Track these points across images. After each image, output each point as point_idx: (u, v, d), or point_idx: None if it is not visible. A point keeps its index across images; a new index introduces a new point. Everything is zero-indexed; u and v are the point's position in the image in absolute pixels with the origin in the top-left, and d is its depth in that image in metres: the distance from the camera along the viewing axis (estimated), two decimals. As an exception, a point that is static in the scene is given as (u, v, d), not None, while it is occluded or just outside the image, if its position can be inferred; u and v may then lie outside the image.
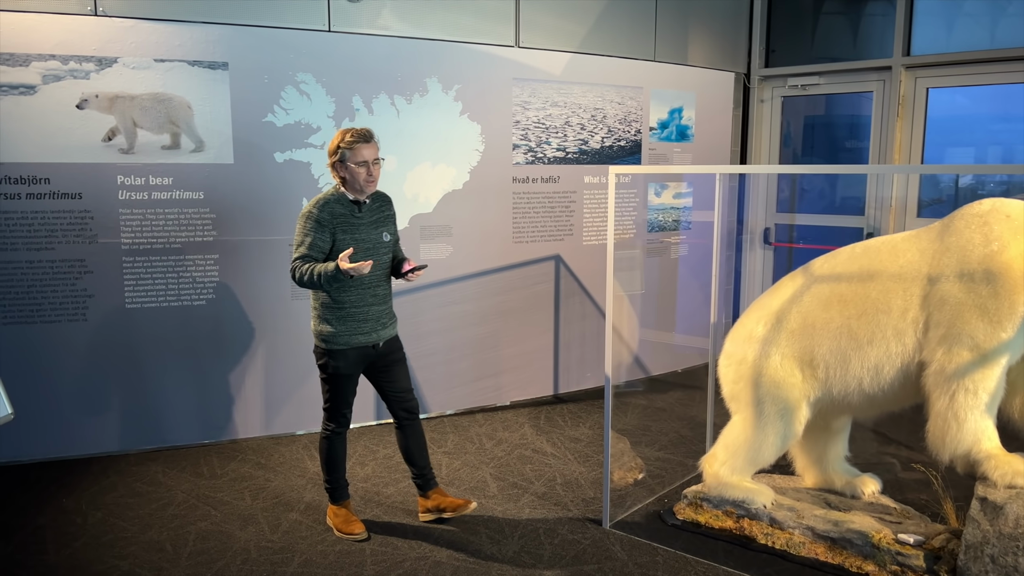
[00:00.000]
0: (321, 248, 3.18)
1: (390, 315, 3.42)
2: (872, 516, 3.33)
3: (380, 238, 3.32)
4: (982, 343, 2.82)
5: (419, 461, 3.55)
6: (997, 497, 2.81)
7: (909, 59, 5.81)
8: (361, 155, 3.18)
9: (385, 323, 3.37)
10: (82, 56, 4.11)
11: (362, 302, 3.27)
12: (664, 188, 5.98)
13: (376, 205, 3.36)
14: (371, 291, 3.29)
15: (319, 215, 3.18)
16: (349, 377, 3.34)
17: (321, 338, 3.30)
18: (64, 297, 4.24)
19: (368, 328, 3.29)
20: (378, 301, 3.33)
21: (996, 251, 2.83)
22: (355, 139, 3.18)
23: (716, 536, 3.43)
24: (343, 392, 3.36)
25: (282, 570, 3.16)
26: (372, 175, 3.22)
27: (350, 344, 3.27)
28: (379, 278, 3.32)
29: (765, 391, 3.34)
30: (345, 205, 3.25)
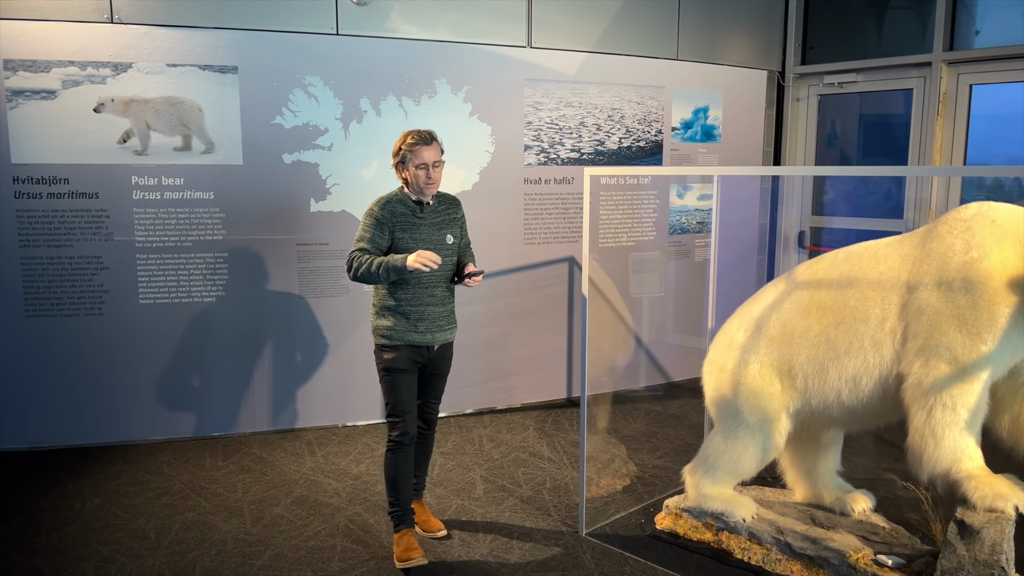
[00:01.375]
0: (379, 245, 3.18)
1: (448, 319, 3.34)
2: (856, 535, 3.17)
3: (442, 240, 3.28)
4: (960, 356, 2.64)
5: (418, 470, 3.49)
6: (975, 521, 2.63)
7: (951, 54, 5.50)
8: (421, 157, 3.15)
9: (442, 326, 3.29)
10: (99, 62, 4.30)
11: (418, 301, 3.22)
12: (688, 190, 5.84)
13: (442, 207, 3.32)
14: (428, 291, 3.23)
15: (379, 213, 3.19)
16: (405, 373, 3.23)
17: (378, 333, 3.26)
18: (82, 292, 4.44)
19: (424, 328, 3.23)
20: (435, 302, 3.26)
21: (976, 259, 2.65)
22: (416, 141, 3.15)
23: (693, 548, 3.33)
24: (399, 390, 3.23)
25: (252, 562, 3.23)
26: (432, 178, 3.18)
27: (404, 341, 3.21)
28: (438, 279, 3.25)
29: (744, 400, 3.22)
30: (407, 205, 3.22)
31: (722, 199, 6.05)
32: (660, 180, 5.67)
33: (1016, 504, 2.59)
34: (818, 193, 6.49)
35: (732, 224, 6.13)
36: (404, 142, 3.18)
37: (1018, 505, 2.59)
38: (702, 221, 5.94)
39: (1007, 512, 2.59)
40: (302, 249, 4.71)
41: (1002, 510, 2.60)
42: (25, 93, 4.23)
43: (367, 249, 3.16)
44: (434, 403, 3.47)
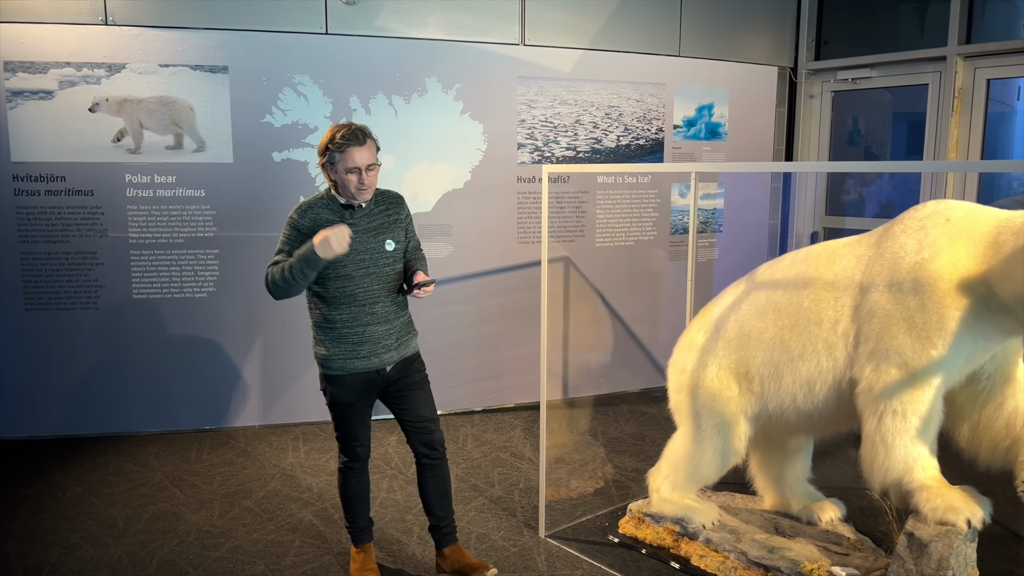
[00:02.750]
0: None
1: (399, 335, 2.90)
2: (818, 545, 3.06)
3: (380, 247, 2.82)
4: (911, 361, 2.52)
5: (438, 510, 3.02)
6: (924, 534, 2.51)
7: (966, 48, 5.27)
8: (352, 159, 2.68)
9: (390, 345, 2.86)
10: (94, 63, 4.42)
11: (355, 322, 2.79)
12: (690, 188, 5.72)
13: (379, 208, 2.87)
14: (367, 308, 2.80)
15: (299, 222, 2.77)
16: (351, 406, 2.88)
17: (317, 361, 2.88)
18: (78, 286, 4.57)
19: (366, 352, 2.81)
20: (376, 320, 2.82)
21: (927, 259, 2.53)
22: (345, 140, 2.68)
23: (651, 554, 3.25)
24: (347, 423, 2.91)
25: (209, 553, 3.27)
26: (365, 183, 2.73)
27: (346, 369, 2.82)
28: (377, 294, 2.82)
29: (702, 403, 3.13)
30: (334, 210, 2.79)
31: (731, 198, 5.95)
32: (661, 179, 5.57)
33: (968, 518, 2.46)
34: (832, 193, 6.30)
35: (741, 224, 6.00)
36: (331, 140, 2.71)
37: (970, 519, 2.46)
38: (705, 221, 5.82)
39: (958, 525, 2.46)
40: (291, 246, 4.76)
41: (953, 523, 2.47)
42: (24, 94, 4.37)
43: (279, 262, 2.74)
44: (426, 423, 2.95)
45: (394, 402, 2.95)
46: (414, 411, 2.94)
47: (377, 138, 2.82)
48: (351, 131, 2.72)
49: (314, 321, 2.87)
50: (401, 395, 2.94)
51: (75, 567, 3.16)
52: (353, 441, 2.94)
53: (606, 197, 5.42)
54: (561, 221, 5.32)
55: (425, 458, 2.97)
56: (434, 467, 2.98)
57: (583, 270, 5.41)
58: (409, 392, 2.94)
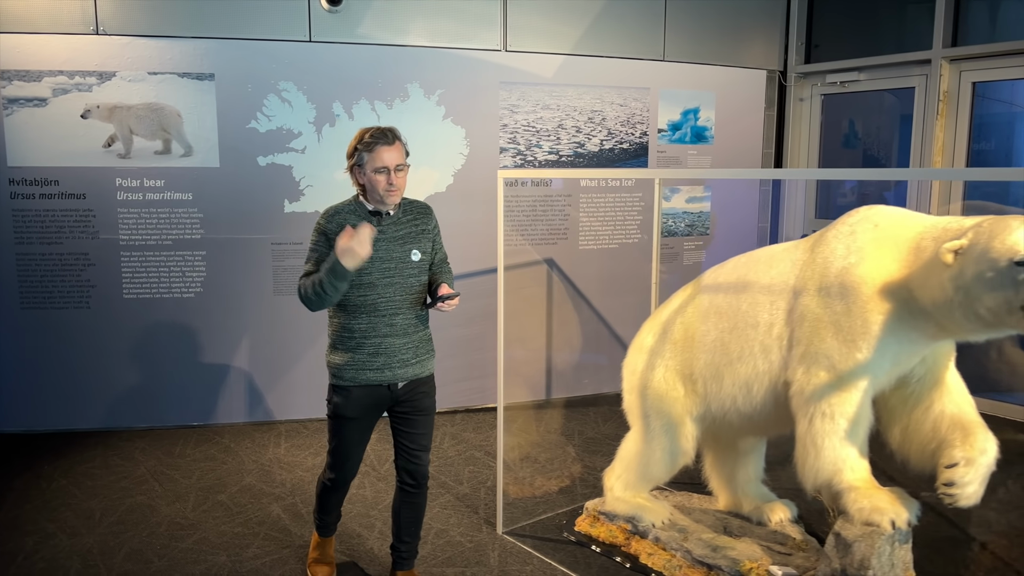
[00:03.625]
0: None
1: (417, 350, 2.81)
2: (762, 545, 3.10)
3: (406, 257, 2.75)
4: (838, 364, 2.57)
5: (405, 535, 2.99)
6: (849, 534, 2.55)
7: (951, 51, 5.26)
8: (381, 159, 2.64)
9: (407, 360, 2.78)
10: (85, 71, 4.59)
11: (374, 331, 2.71)
12: (675, 192, 5.77)
13: (407, 218, 2.81)
14: (386, 319, 2.72)
15: (326, 227, 2.70)
16: (353, 421, 2.78)
17: (329, 370, 2.81)
18: (71, 287, 4.74)
19: (381, 363, 2.73)
20: (396, 332, 2.74)
21: (853, 264, 2.57)
22: (374, 139, 2.66)
23: (602, 551, 3.31)
24: (345, 438, 2.81)
25: (176, 544, 3.40)
26: (394, 184, 2.67)
27: (356, 381, 2.73)
28: (399, 304, 2.73)
29: (650, 404, 3.20)
30: (362, 216, 2.72)
31: (718, 201, 5.98)
32: (645, 183, 5.62)
33: (892, 519, 2.50)
34: (822, 196, 6.29)
35: (729, 227, 6.03)
36: (360, 140, 2.69)
37: (894, 520, 2.50)
38: (691, 224, 5.86)
39: (883, 526, 2.50)
40: (276, 248, 4.90)
41: (878, 524, 2.51)
42: (20, 101, 4.55)
43: (313, 272, 2.68)
44: (419, 453, 2.88)
45: (397, 422, 2.86)
46: (414, 437, 2.86)
47: (407, 141, 2.79)
48: (380, 131, 2.69)
49: (332, 328, 2.80)
50: (406, 418, 2.84)
51: (47, 555, 3.30)
52: (345, 460, 2.85)
53: (590, 200, 5.49)
54: (544, 224, 5.39)
55: (407, 486, 2.92)
56: (413, 495, 2.93)
57: (566, 272, 5.47)
58: (415, 417, 2.85)
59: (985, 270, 2.15)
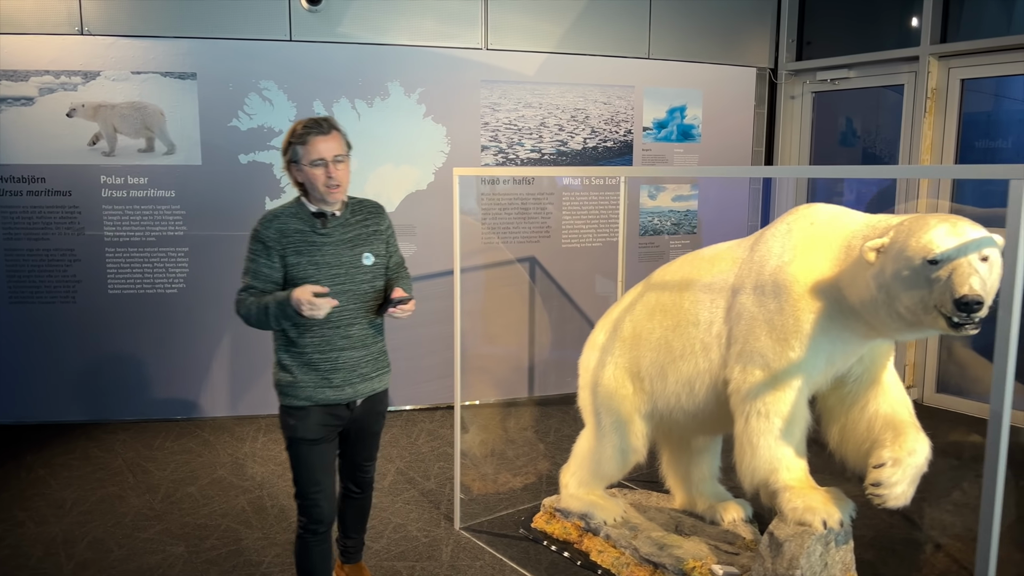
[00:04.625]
0: (269, 277, 2.45)
1: (375, 363, 2.61)
2: (710, 544, 3.09)
3: (357, 261, 2.53)
4: (772, 363, 2.55)
5: (351, 532, 2.93)
6: (782, 533, 2.54)
7: (940, 47, 5.18)
8: (316, 151, 2.40)
9: (366, 374, 2.57)
10: (71, 71, 4.68)
11: (328, 346, 2.49)
12: (660, 190, 5.75)
13: (356, 218, 2.58)
14: (341, 331, 2.49)
15: (263, 233, 2.45)
16: (314, 444, 2.53)
17: (278, 390, 2.55)
18: (57, 282, 4.84)
19: (339, 380, 2.51)
20: (352, 345, 2.52)
21: (786, 262, 2.56)
22: (307, 130, 2.43)
23: (556, 549, 3.32)
24: (312, 465, 2.54)
25: (138, 535, 3.47)
26: (333, 177, 2.43)
27: (314, 400, 2.50)
28: (354, 314, 2.51)
29: (601, 401, 3.20)
30: (304, 219, 2.49)
31: (706, 199, 5.95)
32: (628, 181, 5.60)
33: (824, 519, 2.48)
34: (813, 194, 6.23)
35: (718, 225, 5.99)
36: (292, 134, 2.46)
37: (826, 520, 2.48)
38: (677, 223, 5.83)
39: (814, 526, 2.49)
40: (258, 245, 4.96)
41: (810, 524, 2.50)
42: (7, 100, 4.66)
43: (253, 288, 2.46)
44: (367, 464, 2.80)
45: (345, 443, 2.68)
46: (360, 453, 2.74)
47: (346, 132, 2.57)
48: (313, 121, 2.47)
49: (277, 343, 2.54)
50: (357, 440, 2.69)
51: (12, 542, 3.39)
52: (315, 491, 2.54)
53: (572, 199, 5.49)
54: (526, 221, 5.40)
55: (352, 492, 2.84)
56: (357, 499, 2.86)
57: (549, 270, 5.48)
58: (365, 439, 2.72)
59: (901, 268, 2.13)
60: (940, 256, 2.04)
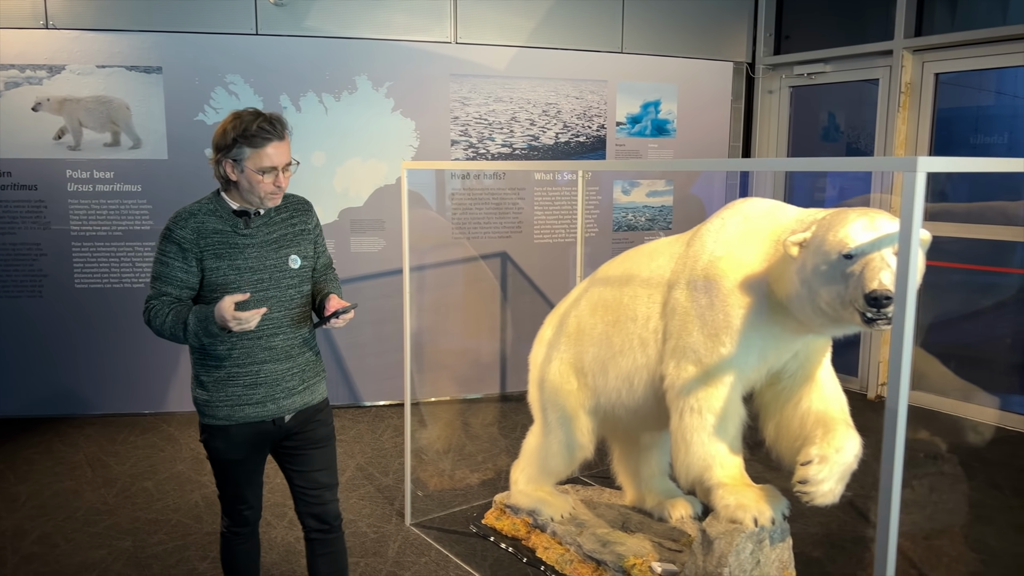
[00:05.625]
0: (185, 282, 2.21)
1: (303, 375, 2.36)
2: (654, 541, 3.07)
3: (283, 264, 2.29)
4: (704, 358, 2.52)
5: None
6: (713, 531, 2.52)
7: (913, 41, 5.13)
8: (268, 158, 2.17)
9: (293, 388, 2.33)
10: (36, 65, 4.67)
11: (248, 359, 2.26)
12: (635, 186, 5.71)
13: (280, 216, 2.33)
14: (263, 342, 2.26)
15: (178, 233, 2.19)
16: (237, 464, 2.33)
17: (196, 406, 2.32)
18: (23, 276, 4.84)
19: (261, 395, 2.27)
20: (277, 356, 2.29)
21: (718, 257, 2.52)
22: (262, 133, 2.17)
23: (499, 545, 3.30)
24: (232, 482, 2.36)
25: (87, 529, 3.46)
26: (281, 186, 2.24)
27: (233, 419, 2.27)
28: (278, 323, 2.28)
29: (547, 397, 3.18)
30: (223, 218, 2.24)
31: (682, 195, 5.91)
32: (602, 177, 5.57)
33: (756, 516, 2.45)
34: (791, 189, 6.19)
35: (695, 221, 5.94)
36: (242, 131, 2.16)
37: (758, 518, 2.45)
38: (652, 218, 5.79)
39: (745, 524, 2.46)
40: (225, 240, 4.95)
41: (741, 521, 2.47)
42: (-27, 94, 4.66)
43: (167, 293, 2.20)
44: (321, 492, 2.42)
45: (286, 460, 2.41)
46: (309, 475, 2.40)
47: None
48: (268, 121, 2.19)
49: (194, 357, 2.30)
50: (297, 454, 2.39)
51: (-40, 536, 3.39)
52: (240, 504, 2.39)
53: (544, 194, 5.46)
54: (498, 217, 5.37)
55: (316, 532, 2.45)
56: (326, 542, 2.45)
57: (521, 266, 5.45)
58: (308, 451, 2.39)
59: (820, 263, 2.10)
60: (854, 251, 2.01)
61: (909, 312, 1.55)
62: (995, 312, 5.22)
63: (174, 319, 2.16)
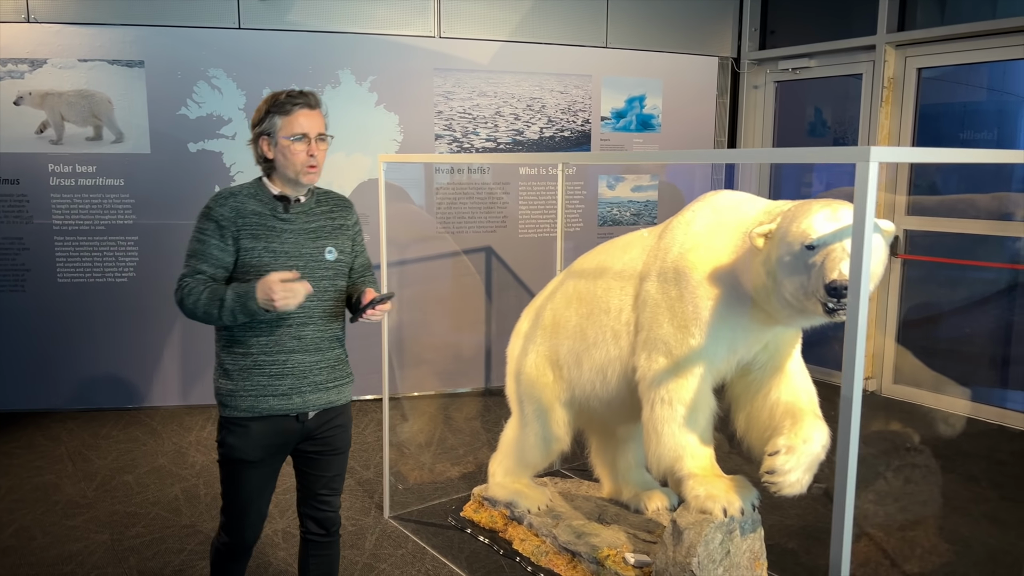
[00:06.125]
0: (220, 261, 2.17)
1: (332, 371, 2.31)
2: (628, 533, 3.08)
3: (318, 255, 2.26)
4: (674, 350, 2.54)
5: None
6: (683, 521, 2.53)
7: (895, 36, 5.14)
8: (299, 124, 2.16)
9: (320, 383, 2.27)
10: (17, 59, 4.66)
11: (276, 347, 2.20)
12: (619, 181, 5.72)
13: (321, 208, 2.31)
14: (292, 331, 2.21)
15: (217, 212, 2.17)
16: (254, 466, 2.23)
17: (218, 398, 2.25)
18: (6, 270, 4.83)
19: (287, 387, 2.21)
20: (306, 347, 2.24)
21: (688, 250, 2.54)
22: (292, 99, 2.18)
23: (481, 537, 3.31)
24: (244, 489, 2.25)
25: (66, 522, 3.46)
26: (315, 157, 2.21)
27: (256, 411, 2.20)
28: (309, 313, 2.23)
29: (524, 390, 3.19)
30: (264, 201, 2.22)
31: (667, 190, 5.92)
32: (587, 172, 5.58)
33: (725, 507, 2.47)
34: (776, 184, 6.20)
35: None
36: (273, 102, 2.20)
37: (727, 508, 2.47)
38: (637, 213, 5.80)
39: (714, 514, 2.47)
40: (208, 234, 4.94)
41: (710, 511, 2.48)
42: (-46, 88, 4.64)
43: (201, 273, 2.15)
44: (330, 498, 2.40)
45: (303, 463, 2.35)
46: (322, 480, 2.36)
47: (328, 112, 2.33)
48: (300, 92, 2.21)
49: (220, 343, 2.25)
50: (317, 458, 2.33)
51: (-62, 530, 3.39)
52: (244, 516, 2.27)
53: (529, 189, 5.46)
54: (483, 211, 5.38)
55: (314, 535, 2.41)
56: (322, 545, 2.42)
57: (505, 260, 5.46)
58: (328, 457, 2.35)
59: (784, 254, 2.11)
60: (816, 241, 2.02)
61: (863, 299, 1.56)
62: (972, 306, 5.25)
63: (209, 296, 2.11)
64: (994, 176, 5.03)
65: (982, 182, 5.10)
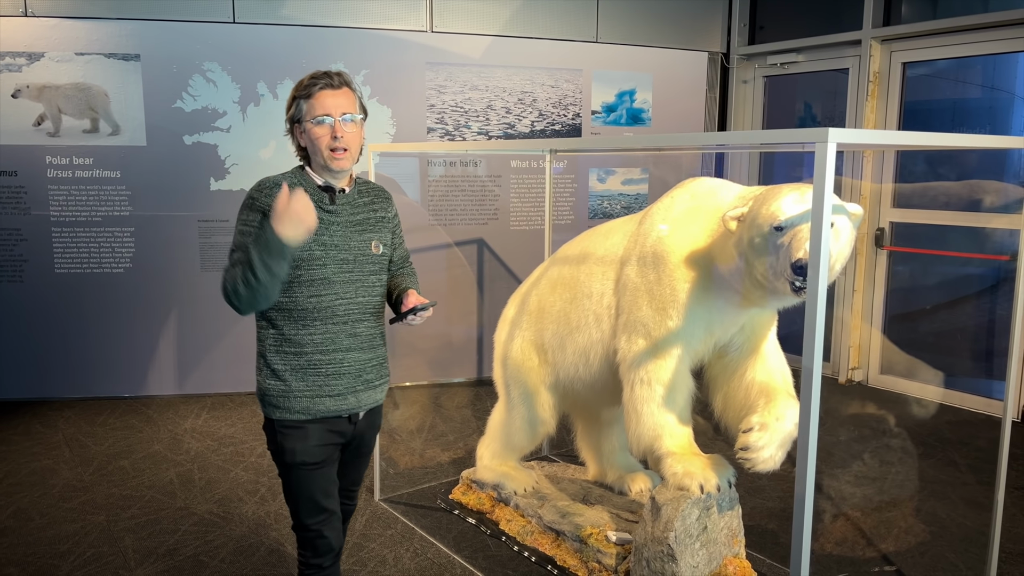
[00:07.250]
0: None
1: (380, 369, 2.27)
2: (612, 513, 3.16)
3: (366, 248, 2.20)
4: (652, 331, 2.61)
5: None
6: (661, 498, 2.61)
7: (881, 31, 5.22)
8: (322, 105, 2.06)
9: (371, 380, 2.23)
10: (15, 52, 4.73)
11: (332, 345, 2.14)
12: (610, 174, 5.80)
13: (364, 200, 2.25)
14: (348, 328, 2.16)
15: (263, 202, 2.06)
16: (318, 468, 2.16)
17: (266, 402, 2.15)
18: (4, 261, 4.90)
19: (343, 387, 2.15)
20: (359, 345, 2.19)
21: (667, 233, 2.61)
22: (315, 81, 2.08)
23: (467, 518, 3.39)
24: (311, 493, 2.16)
25: (63, 504, 3.54)
26: (340, 138, 2.07)
27: (312, 413, 2.13)
28: (363, 309, 2.19)
29: (510, 374, 3.27)
30: (308, 192, 2.13)
31: (657, 183, 5.99)
32: (577, 165, 5.66)
33: (701, 483, 2.54)
34: (766, 175, 6.28)
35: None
36: (298, 87, 2.12)
37: (703, 485, 2.54)
38: (627, 207, 5.88)
39: (691, 491, 2.55)
40: (203, 225, 5.02)
41: (687, 488, 2.56)
42: (-48, 81, 4.71)
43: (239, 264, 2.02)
44: (354, 490, 2.45)
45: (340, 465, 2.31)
46: (349, 477, 2.36)
47: (362, 95, 2.21)
48: (324, 73, 2.12)
49: (267, 343, 2.15)
50: (350, 459, 2.32)
51: (-63, 512, 3.46)
52: (319, 521, 2.18)
53: (520, 181, 5.54)
54: (474, 204, 5.45)
55: None
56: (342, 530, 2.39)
57: (497, 252, 5.53)
58: (358, 459, 2.36)
59: (754, 236, 2.19)
60: (784, 223, 2.10)
61: (822, 274, 1.64)
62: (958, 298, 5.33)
63: (241, 269, 1.96)
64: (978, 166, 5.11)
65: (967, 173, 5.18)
